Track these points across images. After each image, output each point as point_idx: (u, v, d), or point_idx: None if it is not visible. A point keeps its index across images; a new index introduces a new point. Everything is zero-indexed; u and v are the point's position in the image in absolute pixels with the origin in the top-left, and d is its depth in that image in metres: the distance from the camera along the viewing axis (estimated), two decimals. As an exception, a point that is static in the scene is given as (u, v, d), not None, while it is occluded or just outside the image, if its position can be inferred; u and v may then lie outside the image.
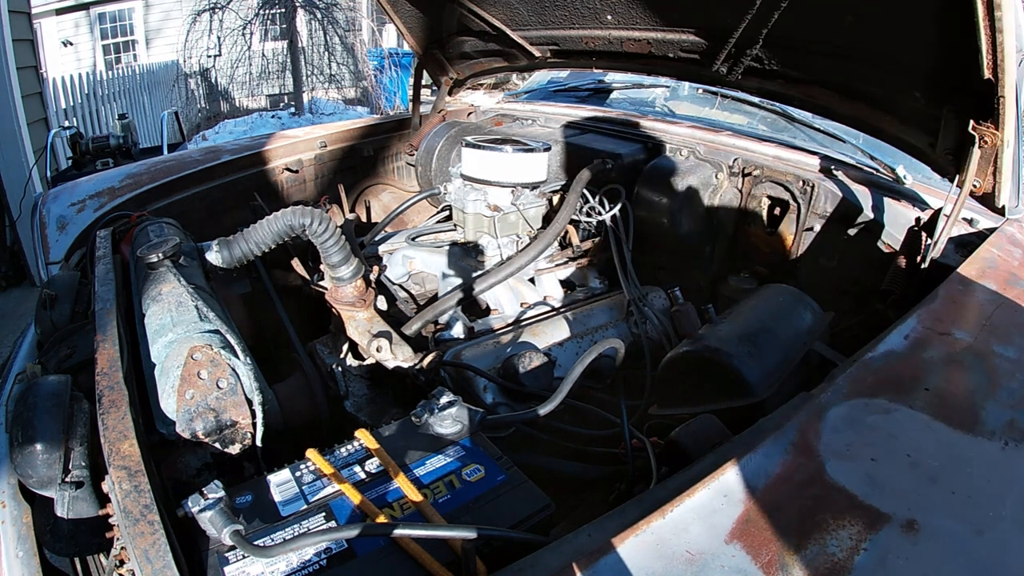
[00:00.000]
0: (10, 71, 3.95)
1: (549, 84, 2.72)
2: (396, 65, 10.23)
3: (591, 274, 1.50)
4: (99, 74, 6.98)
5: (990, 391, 0.70)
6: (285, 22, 9.32)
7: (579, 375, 0.82)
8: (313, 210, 1.04)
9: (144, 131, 7.25)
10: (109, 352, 0.78)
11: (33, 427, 0.68)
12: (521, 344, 1.18)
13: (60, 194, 1.55)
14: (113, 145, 4.22)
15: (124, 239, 1.22)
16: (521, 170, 1.44)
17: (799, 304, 1.05)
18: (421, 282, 1.47)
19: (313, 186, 2.07)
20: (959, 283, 0.93)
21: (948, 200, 1.12)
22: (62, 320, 1.03)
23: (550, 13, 1.59)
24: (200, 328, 0.85)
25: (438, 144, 1.88)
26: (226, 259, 1.08)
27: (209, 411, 0.78)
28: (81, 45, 10.92)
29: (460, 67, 2.10)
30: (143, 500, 0.57)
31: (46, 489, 0.69)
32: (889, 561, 0.49)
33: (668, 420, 0.95)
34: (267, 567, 0.56)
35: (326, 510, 0.63)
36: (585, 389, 1.19)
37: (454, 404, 0.77)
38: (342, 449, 0.73)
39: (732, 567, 0.49)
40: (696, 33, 1.36)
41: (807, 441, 0.62)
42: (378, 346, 1.07)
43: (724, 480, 0.57)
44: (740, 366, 0.88)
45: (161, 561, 0.52)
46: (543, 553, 0.53)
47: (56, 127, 4.76)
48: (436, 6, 1.80)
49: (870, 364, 0.74)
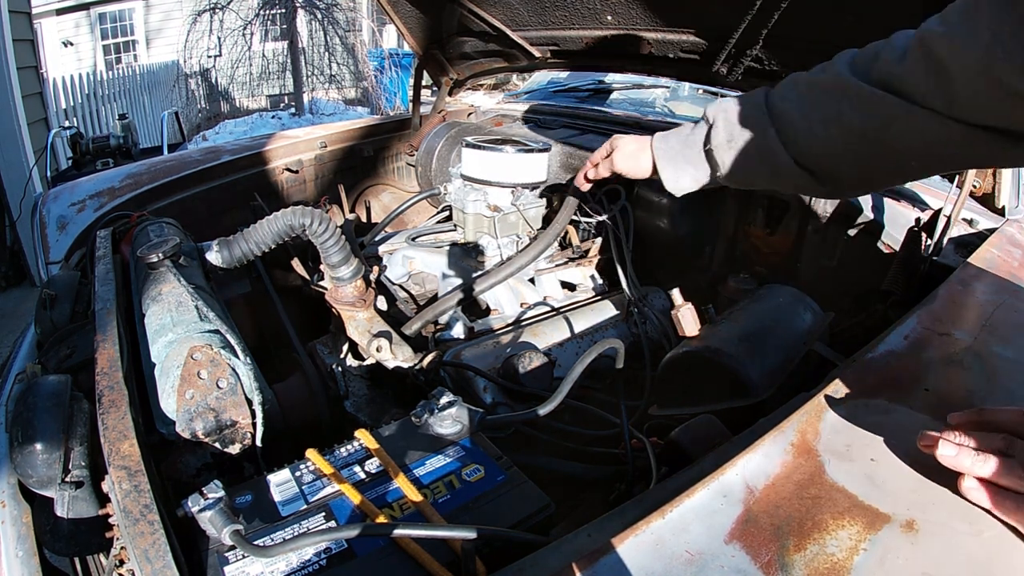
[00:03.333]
0: (10, 71, 3.96)
1: (549, 84, 2.72)
2: (396, 65, 10.24)
3: (591, 274, 1.50)
4: (99, 74, 6.98)
5: (990, 391, 0.70)
6: (285, 22, 9.32)
7: (579, 375, 0.82)
8: (313, 210, 1.04)
9: (144, 131, 7.26)
10: (109, 352, 0.78)
11: (33, 427, 0.68)
12: (521, 344, 1.18)
13: (60, 194, 1.55)
14: (113, 145, 4.22)
15: (124, 239, 1.22)
16: (521, 170, 1.44)
17: (799, 304, 1.05)
18: (421, 282, 1.47)
19: (313, 186, 2.07)
20: (959, 283, 0.93)
21: (948, 200, 1.12)
22: (62, 320, 1.03)
23: (550, 13, 1.59)
24: (200, 328, 0.85)
25: (438, 144, 1.88)
26: (226, 259, 1.08)
27: (209, 411, 0.78)
28: (81, 45, 10.92)
29: (460, 67, 2.10)
30: (143, 500, 0.57)
31: (46, 489, 0.69)
32: (889, 561, 0.49)
33: (668, 420, 0.95)
34: (267, 567, 0.56)
35: (326, 510, 0.63)
36: (585, 389, 1.19)
37: (454, 404, 0.77)
38: (342, 449, 0.73)
39: (732, 567, 0.49)
40: (696, 33, 1.36)
41: (807, 441, 0.62)
42: (378, 346, 1.07)
43: (724, 480, 0.57)
44: (740, 366, 0.88)
45: (161, 561, 0.52)
46: (543, 553, 0.53)
47: (56, 127, 4.76)
48: (436, 6, 1.80)
49: (870, 364, 0.74)
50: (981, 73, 0.62)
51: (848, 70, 0.76)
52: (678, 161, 0.98)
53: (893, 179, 0.85)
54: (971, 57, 0.62)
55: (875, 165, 0.79)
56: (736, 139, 0.89)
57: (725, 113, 0.91)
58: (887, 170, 0.80)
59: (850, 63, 0.77)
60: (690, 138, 0.97)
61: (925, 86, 0.68)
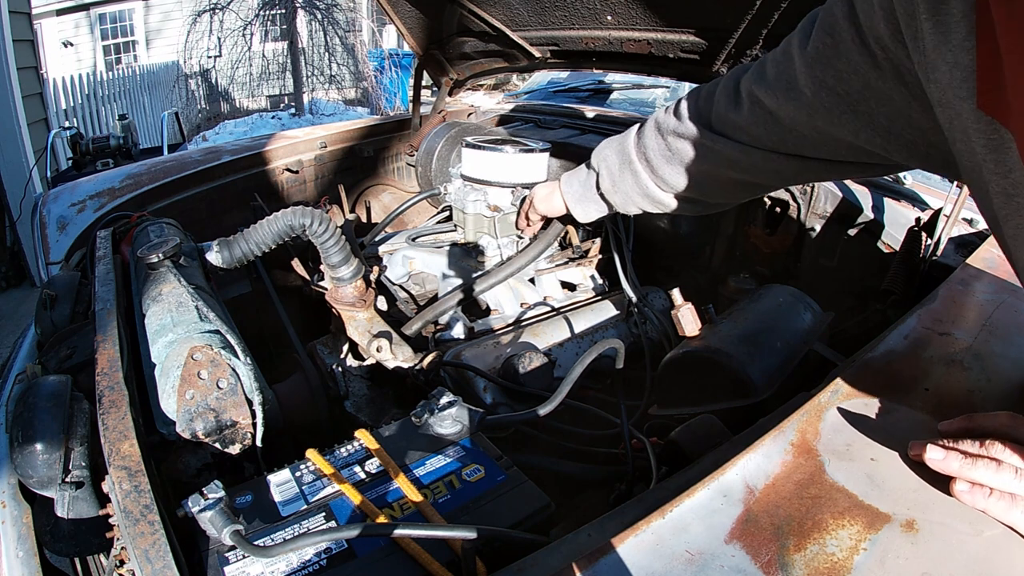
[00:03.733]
0: (10, 71, 3.96)
1: (549, 84, 2.73)
2: (396, 66, 10.24)
3: (591, 274, 1.50)
4: (99, 75, 6.99)
5: (990, 391, 0.70)
6: (285, 23, 9.33)
7: (579, 375, 0.82)
8: (313, 210, 1.04)
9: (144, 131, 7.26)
10: (109, 352, 0.78)
11: (33, 427, 0.68)
12: (521, 344, 1.18)
13: (60, 194, 1.55)
14: (113, 145, 4.22)
15: (124, 239, 1.22)
16: (521, 170, 1.44)
17: (799, 304, 1.05)
18: (421, 282, 1.47)
19: (313, 186, 2.07)
20: (959, 283, 0.93)
21: (948, 200, 1.12)
22: (62, 320, 1.03)
23: (550, 13, 1.59)
24: (200, 328, 0.85)
25: (438, 145, 1.88)
26: (226, 259, 1.08)
27: (209, 411, 0.78)
28: (81, 46, 10.93)
29: (460, 68, 2.10)
30: (143, 500, 0.57)
31: (46, 489, 0.69)
32: (889, 561, 0.49)
33: (668, 420, 0.95)
34: (267, 567, 0.56)
35: (326, 510, 0.63)
36: (585, 389, 1.19)
37: (454, 404, 0.77)
38: (342, 449, 0.73)
39: (732, 567, 0.49)
40: (696, 33, 1.36)
41: (807, 441, 0.62)
42: (378, 346, 1.07)
43: (724, 480, 0.57)
44: (740, 366, 0.88)
45: (161, 561, 0.52)
46: (543, 553, 0.53)
47: (56, 127, 4.77)
48: (436, 6, 1.80)
49: (870, 364, 0.74)
50: (806, 123, 0.75)
51: (694, 119, 0.91)
52: (583, 200, 1.17)
53: (752, 195, 1.03)
54: (797, 111, 0.74)
55: (730, 190, 0.96)
56: (618, 184, 1.07)
57: (606, 162, 1.08)
58: (742, 192, 0.98)
59: (695, 109, 0.92)
60: (586, 182, 1.15)
61: (759, 131, 0.82)
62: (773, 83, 0.77)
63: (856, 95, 0.67)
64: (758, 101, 0.80)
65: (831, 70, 0.68)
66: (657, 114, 1.00)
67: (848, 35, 0.64)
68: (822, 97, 0.70)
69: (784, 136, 0.79)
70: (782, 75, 0.75)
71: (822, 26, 0.68)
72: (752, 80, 0.81)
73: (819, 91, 0.70)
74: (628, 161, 1.03)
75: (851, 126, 0.70)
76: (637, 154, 1.02)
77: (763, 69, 0.79)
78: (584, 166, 1.16)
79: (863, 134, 0.70)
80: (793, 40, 0.74)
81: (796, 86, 0.73)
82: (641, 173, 1.02)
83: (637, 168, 1.02)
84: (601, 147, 1.11)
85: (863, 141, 0.70)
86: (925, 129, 0.64)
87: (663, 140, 0.97)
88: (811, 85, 0.71)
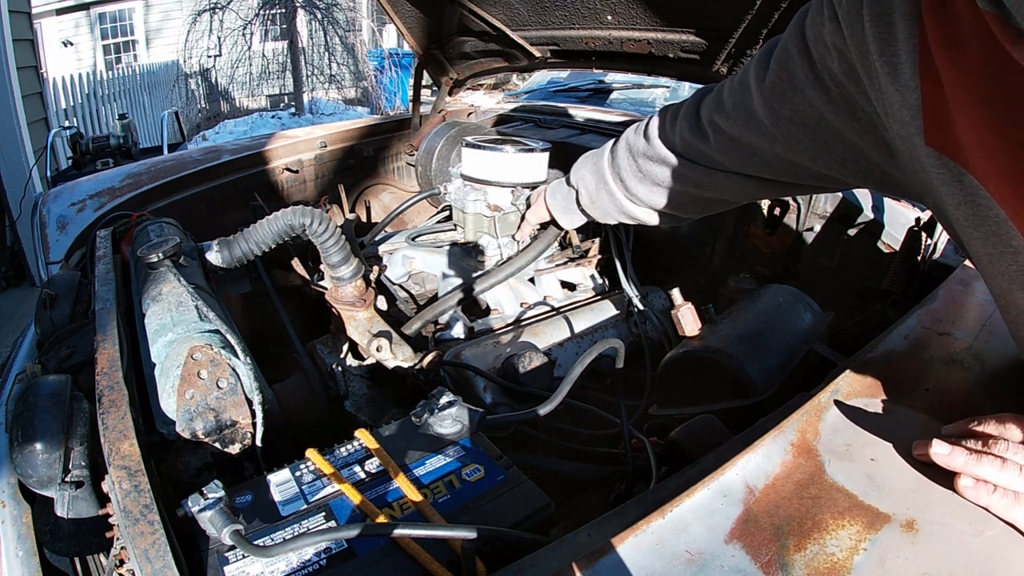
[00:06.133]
0: (10, 71, 3.96)
1: (549, 84, 2.73)
2: (396, 65, 10.23)
3: (591, 274, 1.50)
4: (99, 74, 6.99)
5: (990, 391, 0.70)
6: (285, 22, 9.32)
7: (579, 375, 0.82)
8: (313, 210, 1.04)
9: (144, 131, 7.26)
10: (109, 352, 0.78)
11: (33, 427, 0.68)
12: (521, 344, 1.18)
13: (60, 194, 1.55)
14: (113, 145, 4.22)
15: (124, 239, 1.22)
16: (521, 170, 1.44)
17: (799, 304, 1.05)
18: (421, 282, 1.47)
19: (313, 186, 2.07)
20: (959, 283, 0.93)
21: (948, 200, 1.12)
22: (62, 320, 1.03)
23: (550, 13, 1.59)
24: (200, 328, 0.85)
25: (438, 144, 1.88)
26: (226, 259, 1.08)
27: (209, 411, 0.78)
28: (81, 45, 10.93)
29: (460, 67, 2.09)
30: (143, 500, 0.57)
31: (46, 489, 0.69)
32: (889, 561, 0.49)
33: (668, 420, 0.95)
34: (267, 567, 0.56)
35: (326, 510, 0.63)
36: (585, 389, 1.19)
37: (454, 404, 0.77)
38: (342, 449, 0.73)
39: (732, 567, 0.49)
40: (696, 33, 1.36)
41: (807, 441, 0.62)
42: (378, 346, 1.07)
43: (724, 480, 0.57)
44: (740, 366, 0.88)
45: (161, 561, 0.52)
46: (543, 553, 0.53)
47: (56, 127, 4.77)
48: (436, 6, 1.80)
49: (870, 364, 0.74)
50: (767, 149, 0.78)
51: (663, 141, 0.95)
52: (567, 211, 1.23)
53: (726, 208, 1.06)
54: (757, 139, 0.78)
55: (703, 206, 1.01)
56: (596, 201, 1.13)
57: (583, 181, 1.14)
58: (715, 207, 1.02)
59: (663, 132, 0.96)
60: (568, 196, 1.20)
61: (721, 157, 0.86)
62: (732, 112, 0.81)
63: (812, 126, 0.71)
64: (719, 129, 0.84)
65: (787, 104, 0.71)
66: (628, 134, 1.04)
67: (802, 71, 0.67)
68: (780, 127, 0.74)
69: (745, 160, 0.83)
70: (740, 106, 0.79)
71: (778, 61, 0.71)
72: (712, 109, 0.85)
73: (777, 122, 0.74)
74: (603, 181, 1.09)
75: (808, 153, 0.74)
76: (611, 174, 1.07)
77: (720, 98, 0.83)
78: (565, 181, 1.22)
79: (820, 160, 0.73)
80: (750, 71, 0.77)
81: (755, 116, 0.76)
82: (616, 192, 1.07)
83: (612, 188, 1.07)
84: (578, 165, 1.17)
85: (821, 167, 0.74)
86: (877, 161, 0.67)
87: (634, 162, 1.01)
88: (769, 116, 0.74)
